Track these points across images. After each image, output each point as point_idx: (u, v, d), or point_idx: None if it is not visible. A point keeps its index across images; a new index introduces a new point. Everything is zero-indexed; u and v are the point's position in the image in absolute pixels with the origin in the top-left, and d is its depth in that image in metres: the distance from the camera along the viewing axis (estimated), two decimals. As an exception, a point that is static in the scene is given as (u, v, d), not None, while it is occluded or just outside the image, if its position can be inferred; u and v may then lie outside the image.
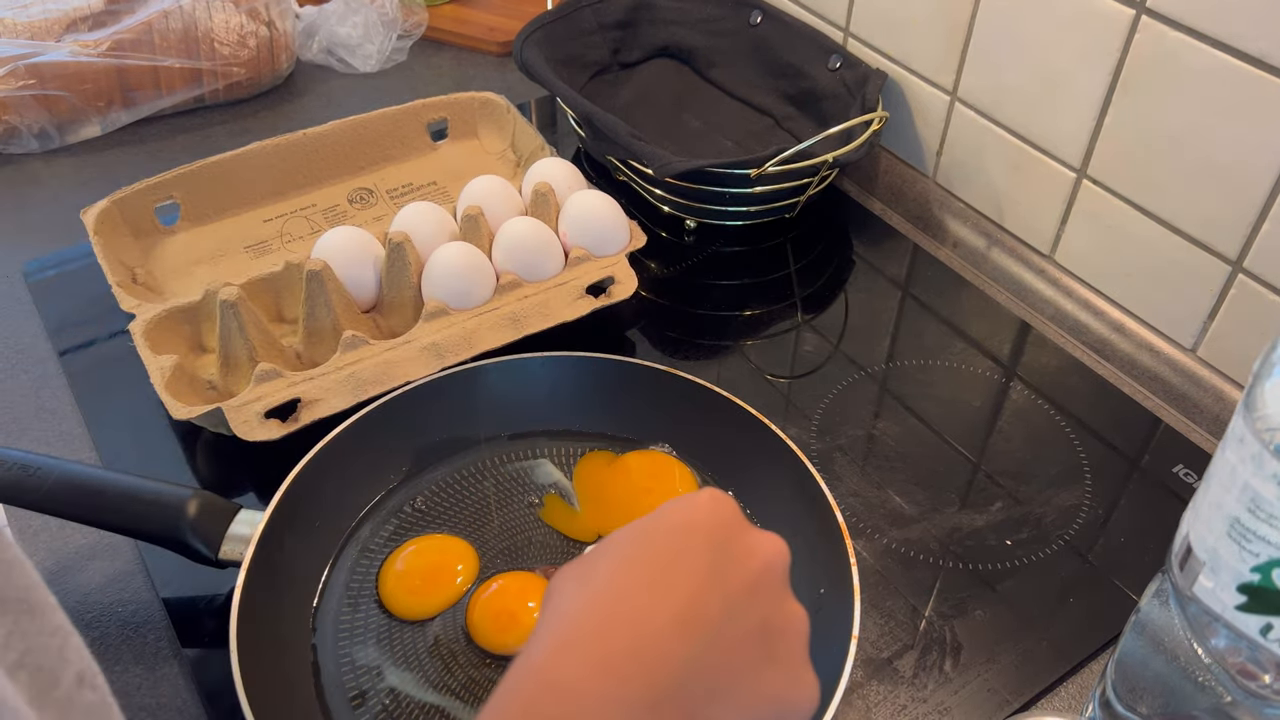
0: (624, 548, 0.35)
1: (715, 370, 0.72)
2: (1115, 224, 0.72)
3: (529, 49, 0.87)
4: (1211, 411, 0.69)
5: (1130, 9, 0.65)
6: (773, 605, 0.35)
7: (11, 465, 0.53)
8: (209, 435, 0.64)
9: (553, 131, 0.95)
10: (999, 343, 0.76)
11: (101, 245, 0.70)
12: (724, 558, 0.34)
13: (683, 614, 0.32)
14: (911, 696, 0.54)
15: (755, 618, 0.34)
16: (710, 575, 0.33)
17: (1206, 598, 0.39)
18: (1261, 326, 0.65)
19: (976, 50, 0.77)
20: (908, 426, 0.69)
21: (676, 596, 0.33)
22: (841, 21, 0.88)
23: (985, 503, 0.64)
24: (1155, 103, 0.66)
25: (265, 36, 0.93)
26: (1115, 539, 0.62)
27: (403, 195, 0.83)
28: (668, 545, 0.34)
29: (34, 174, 0.87)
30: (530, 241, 0.71)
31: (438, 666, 0.53)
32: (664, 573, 0.33)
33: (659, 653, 0.31)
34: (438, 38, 1.06)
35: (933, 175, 0.85)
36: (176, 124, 0.93)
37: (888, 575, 0.59)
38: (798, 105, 0.90)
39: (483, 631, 0.54)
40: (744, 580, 0.34)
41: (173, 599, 0.57)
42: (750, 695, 0.33)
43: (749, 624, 0.34)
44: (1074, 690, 0.55)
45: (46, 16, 0.87)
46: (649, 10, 0.96)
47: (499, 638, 0.54)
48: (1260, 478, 0.36)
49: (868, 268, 0.83)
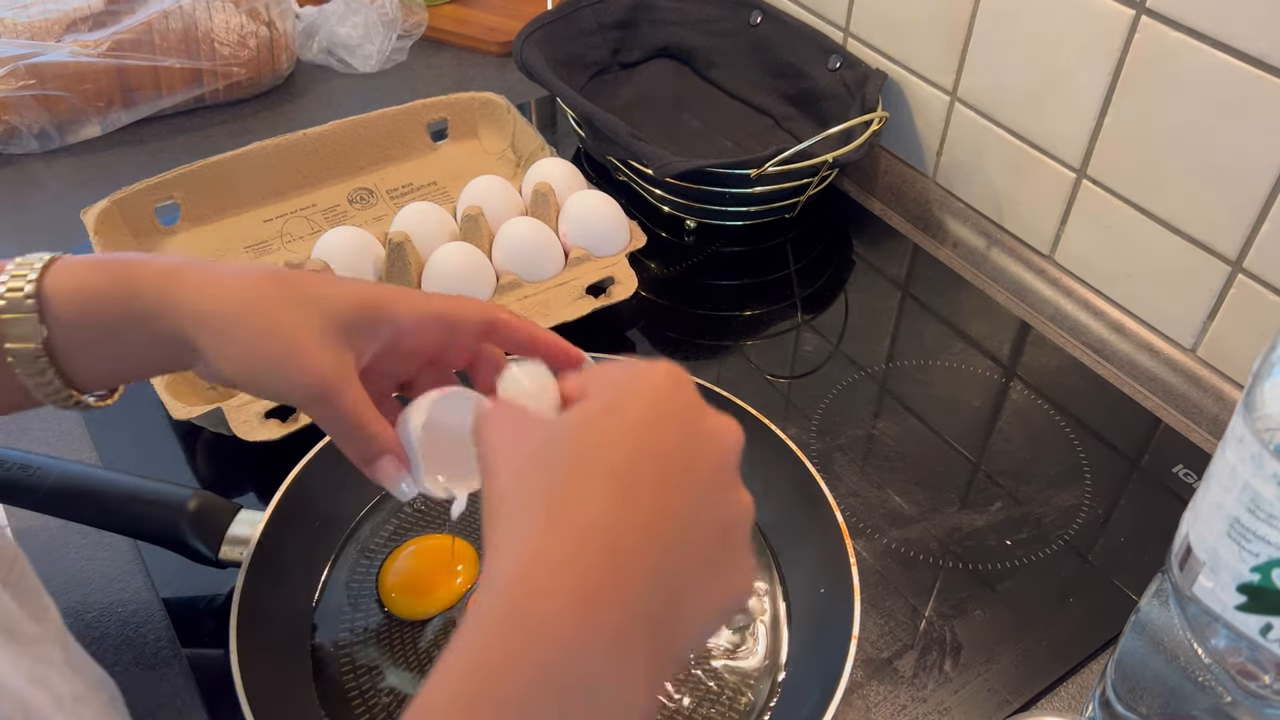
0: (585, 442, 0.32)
1: (715, 370, 0.72)
2: (1115, 224, 0.72)
3: (529, 49, 0.87)
4: (1211, 411, 0.69)
5: (1130, 9, 0.65)
6: (732, 495, 0.33)
7: (11, 465, 0.53)
8: (209, 435, 0.64)
9: (553, 131, 0.95)
10: (999, 343, 0.76)
11: (102, 245, 0.70)
12: (693, 445, 0.32)
13: (654, 518, 0.30)
14: (911, 696, 0.54)
15: (718, 515, 0.32)
16: (681, 470, 0.31)
17: (1206, 598, 0.39)
18: (1261, 326, 0.65)
19: (976, 50, 0.77)
20: (908, 426, 0.69)
21: (646, 500, 0.31)
22: (841, 21, 0.88)
23: (985, 503, 0.64)
24: (1155, 103, 0.66)
25: (265, 36, 0.93)
26: (1115, 539, 0.62)
27: (403, 195, 0.83)
28: (635, 441, 0.32)
29: (34, 174, 0.87)
30: (530, 241, 0.71)
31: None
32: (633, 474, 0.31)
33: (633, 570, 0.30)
34: (438, 38, 1.06)
35: (933, 175, 0.85)
36: (176, 124, 0.93)
37: (888, 575, 0.59)
38: (798, 105, 0.90)
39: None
40: (711, 470, 0.32)
41: (173, 599, 0.57)
42: (708, 596, 0.32)
43: (713, 518, 0.32)
44: (1074, 690, 0.55)
45: (46, 16, 0.87)
46: (649, 10, 0.96)
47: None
48: (1260, 478, 0.36)
49: (868, 268, 0.83)
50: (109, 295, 0.41)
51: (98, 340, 0.42)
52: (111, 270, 0.42)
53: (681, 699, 0.52)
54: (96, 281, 0.41)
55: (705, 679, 0.53)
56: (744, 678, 0.53)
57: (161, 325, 0.41)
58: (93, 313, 0.41)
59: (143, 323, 0.41)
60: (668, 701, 0.52)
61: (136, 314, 0.41)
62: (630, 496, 0.30)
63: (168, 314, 0.41)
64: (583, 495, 0.31)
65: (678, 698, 0.52)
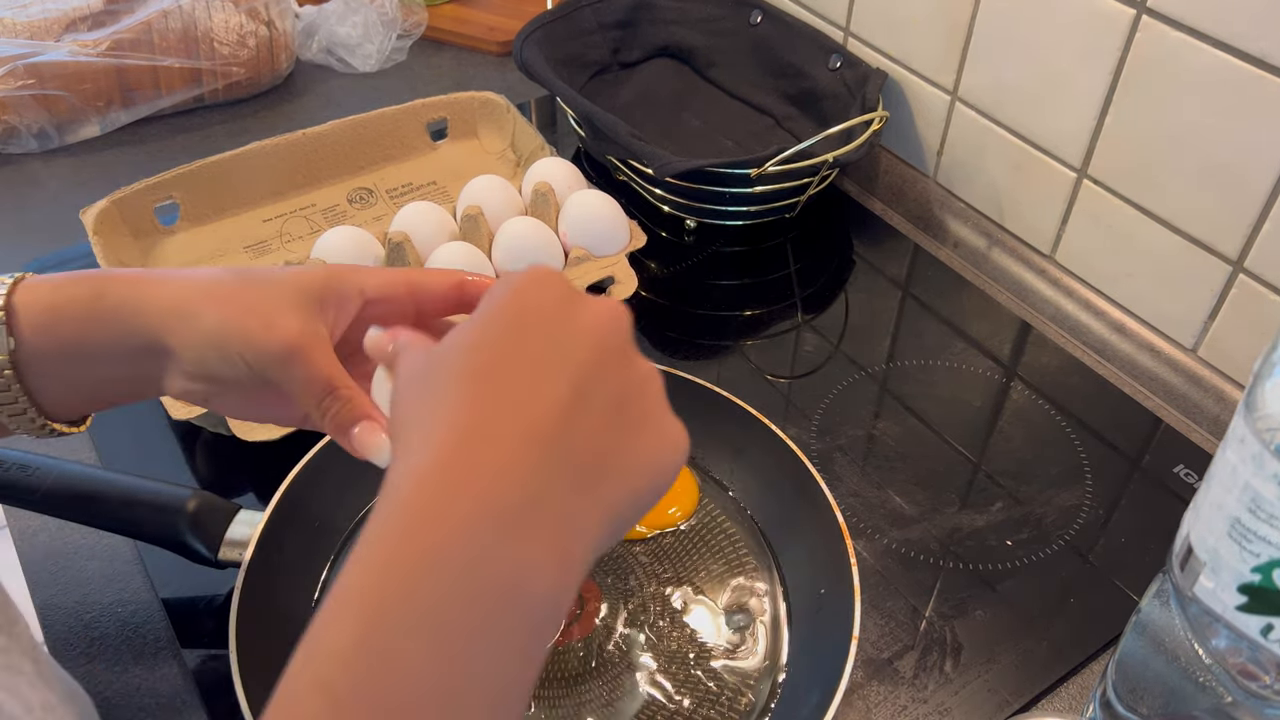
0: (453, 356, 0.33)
1: (715, 370, 0.72)
2: (1116, 224, 0.72)
3: (529, 49, 0.87)
4: (1212, 412, 0.69)
5: (1130, 9, 0.65)
6: (622, 372, 0.34)
7: (10, 465, 0.53)
8: (208, 435, 0.64)
9: (553, 131, 0.95)
10: (999, 343, 0.76)
11: (101, 245, 0.70)
12: (564, 334, 0.33)
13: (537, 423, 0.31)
14: (912, 697, 0.54)
15: (608, 392, 0.33)
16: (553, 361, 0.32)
17: (1207, 598, 0.39)
18: (1261, 326, 0.65)
19: (977, 50, 0.77)
20: (908, 426, 0.69)
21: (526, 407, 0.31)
22: (841, 21, 0.88)
23: (985, 503, 0.64)
24: (1155, 103, 0.66)
25: (265, 36, 0.93)
26: (1115, 539, 0.62)
27: (402, 195, 0.83)
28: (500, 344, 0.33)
29: (33, 174, 0.86)
30: (530, 241, 0.71)
31: (437, 667, 0.53)
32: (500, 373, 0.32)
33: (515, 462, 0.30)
34: (437, 37, 1.06)
35: (933, 175, 0.85)
36: (176, 124, 0.93)
37: (888, 575, 0.59)
38: (798, 105, 0.90)
39: None
40: (589, 351, 0.33)
41: (172, 599, 0.57)
42: (624, 469, 0.33)
43: (604, 401, 0.33)
44: (1074, 690, 0.55)
45: (46, 16, 0.87)
46: (649, 10, 0.96)
47: None
48: (1261, 478, 0.36)
49: (868, 268, 0.83)
50: (76, 298, 0.41)
51: (64, 351, 0.41)
52: (79, 278, 0.42)
53: (682, 700, 0.52)
54: (65, 289, 0.42)
55: (705, 680, 0.53)
56: (744, 678, 0.53)
57: (129, 324, 0.41)
58: (60, 317, 0.41)
59: (110, 324, 0.41)
60: (668, 702, 0.52)
61: (103, 313, 0.41)
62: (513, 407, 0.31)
63: (135, 311, 0.41)
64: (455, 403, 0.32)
65: (678, 699, 0.52)
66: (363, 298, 0.43)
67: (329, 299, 0.42)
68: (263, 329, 0.40)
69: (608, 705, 0.52)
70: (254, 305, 0.41)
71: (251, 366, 0.40)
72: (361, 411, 0.41)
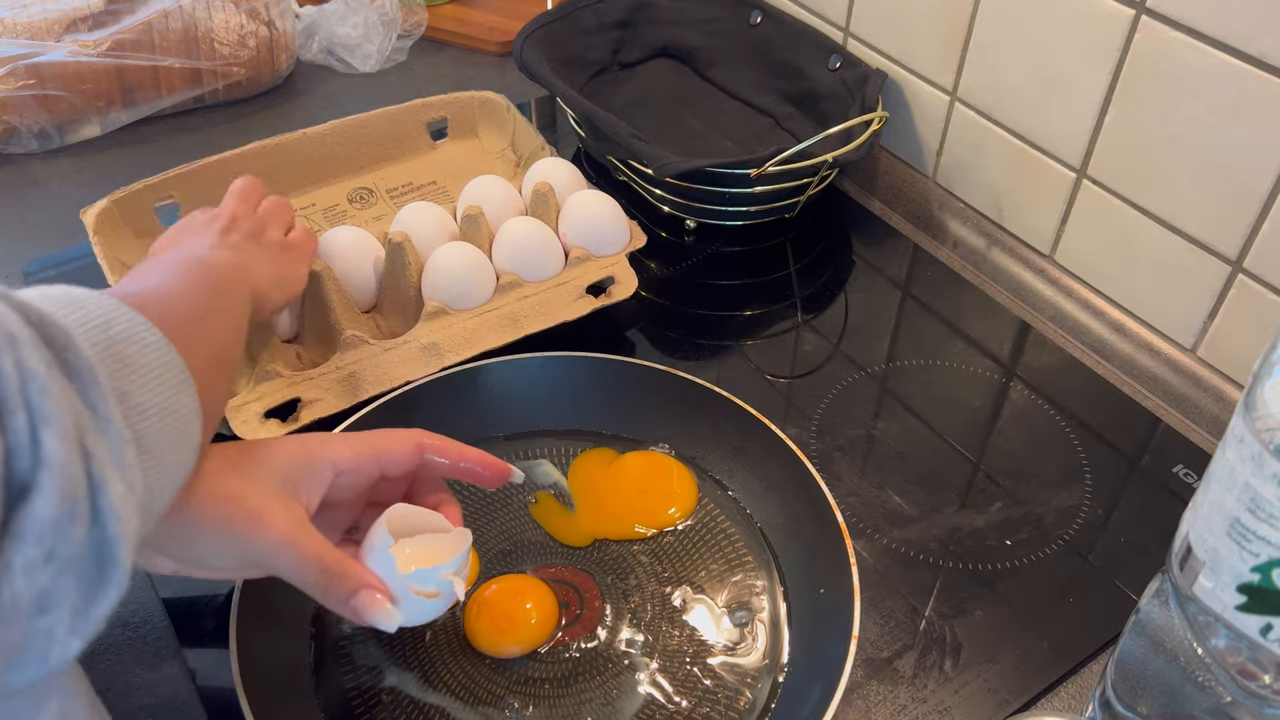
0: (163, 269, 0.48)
1: (715, 370, 0.72)
2: (1115, 224, 0.72)
3: (529, 49, 0.87)
4: (1211, 411, 0.69)
5: (1130, 9, 0.65)
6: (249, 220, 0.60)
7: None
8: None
9: (553, 131, 0.95)
10: (999, 343, 0.76)
11: (101, 245, 0.70)
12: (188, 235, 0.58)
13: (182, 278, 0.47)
14: (911, 696, 0.54)
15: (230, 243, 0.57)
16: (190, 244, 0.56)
17: (1206, 598, 0.39)
18: (1261, 326, 0.65)
19: (976, 50, 0.77)
20: (908, 426, 0.69)
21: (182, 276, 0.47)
22: (841, 21, 0.88)
23: (985, 503, 0.64)
24: (1155, 103, 0.66)
25: (265, 36, 0.93)
26: (1115, 539, 0.62)
27: (402, 195, 0.83)
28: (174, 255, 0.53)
29: (34, 174, 0.86)
30: (530, 241, 0.71)
31: (437, 666, 0.53)
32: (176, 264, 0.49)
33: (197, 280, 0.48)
34: (437, 38, 1.06)
35: (933, 175, 0.85)
36: (176, 124, 0.93)
37: (888, 575, 0.59)
38: (798, 105, 0.90)
39: (480, 634, 0.54)
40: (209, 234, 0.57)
41: (173, 599, 0.57)
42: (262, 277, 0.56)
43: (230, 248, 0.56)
44: (1074, 690, 0.55)
45: (46, 16, 0.87)
46: (649, 10, 0.96)
47: (497, 640, 0.54)
48: (1260, 478, 0.36)
49: (868, 268, 0.83)
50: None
51: None
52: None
53: (681, 700, 0.52)
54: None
55: (704, 679, 0.53)
56: (743, 678, 0.53)
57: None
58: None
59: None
60: (667, 702, 0.52)
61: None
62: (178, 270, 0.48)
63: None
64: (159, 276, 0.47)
65: (677, 698, 0.52)
66: (334, 470, 0.46)
67: (303, 479, 0.45)
68: (252, 529, 0.42)
69: (607, 704, 0.52)
70: (240, 501, 0.42)
71: (244, 560, 0.43)
72: (356, 582, 0.44)
